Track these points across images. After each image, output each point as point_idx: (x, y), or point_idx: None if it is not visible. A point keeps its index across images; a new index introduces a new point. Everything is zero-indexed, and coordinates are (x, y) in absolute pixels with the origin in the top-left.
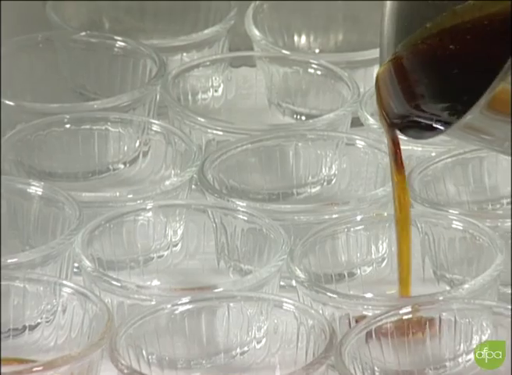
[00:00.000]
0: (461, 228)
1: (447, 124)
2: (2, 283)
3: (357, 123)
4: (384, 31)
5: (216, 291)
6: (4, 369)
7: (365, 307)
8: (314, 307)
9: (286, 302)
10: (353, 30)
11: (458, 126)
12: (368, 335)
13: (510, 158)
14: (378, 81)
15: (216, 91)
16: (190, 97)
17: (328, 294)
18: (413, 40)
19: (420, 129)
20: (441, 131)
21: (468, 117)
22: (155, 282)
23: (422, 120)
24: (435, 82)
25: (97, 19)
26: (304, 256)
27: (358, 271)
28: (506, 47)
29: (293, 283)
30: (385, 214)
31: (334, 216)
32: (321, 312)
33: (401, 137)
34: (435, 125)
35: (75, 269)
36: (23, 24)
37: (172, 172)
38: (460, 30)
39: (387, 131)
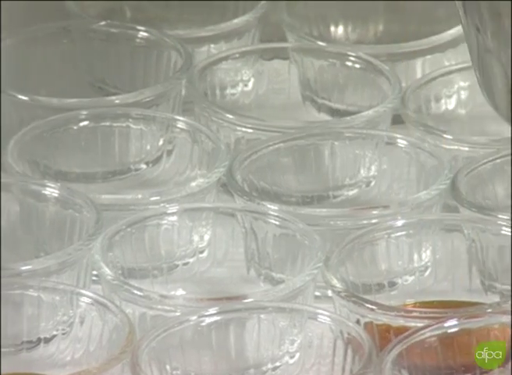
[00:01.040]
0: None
1: None
2: (16, 292)
3: (398, 120)
4: None
5: (246, 301)
6: None
7: (407, 320)
8: (351, 319)
9: (321, 314)
10: (395, 20)
11: None
12: (409, 350)
13: None
14: None
15: (246, 85)
16: (217, 92)
17: (367, 305)
18: None
19: None
20: None
21: None
22: (180, 291)
23: None
24: None
25: (117, 7)
26: (340, 264)
27: (399, 280)
28: None
29: (329, 293)
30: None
31: (373, 220)
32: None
33: (448, 136)
34: None
35: (93, 278)
36: (38, 12)
37: (199, 172)
38: None
39: None
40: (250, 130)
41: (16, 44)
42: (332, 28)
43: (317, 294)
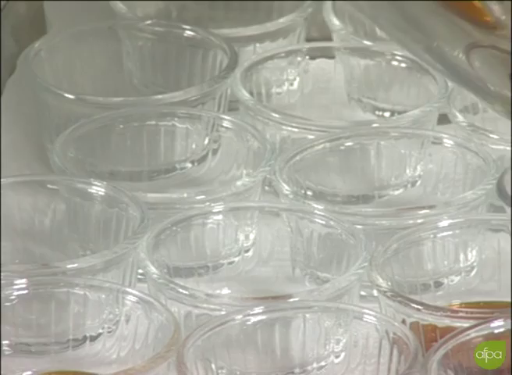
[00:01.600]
0: None
1: None
2: (62, 290)
3: (444, 120)
4: None
5: (291, 300)
6: None
7: (453, 320)
8: (397, 319)
9: (366, 314)
10: None
11: None
12: (455, 350)
13: None
14: None
15: (292, 84)
16: (263, 91)
17: (413, 305)
18: None
19: None
20: None
21: None
22: (225, 290)
23: None
24: None
25: (164, 6)
26: (386, 264)
27: (445, 281)
28: None
29: (375, 293)
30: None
31: (419, 220)
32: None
33: (494, 136)
34: None
35: (139, 276)
36: (84, 12)
37: (244, 171)
38: None
39: None
40: (295, 130)
41: (63, 43)
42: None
43: (362, 293)
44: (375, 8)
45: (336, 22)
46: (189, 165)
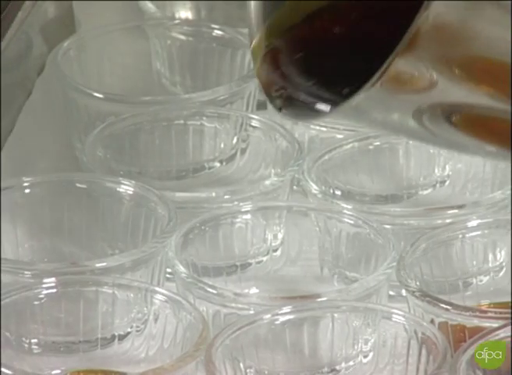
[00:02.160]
0: None
1: (331, 104)
2: (90, 289)
3: None
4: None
5: (319, 300)
6: None
7: (482, 320)
8: (425, 319)
9: (395, 313)
10: None
11: (347, 106)
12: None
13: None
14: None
15: None
16: None
17: (442, 305)
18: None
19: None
20: (325, 112)
21: (360, 96)
22: (254, 290)
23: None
24: (310, 59)
25: (192, 5)
26: (415, 264)
27: (474, 281)
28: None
29: (403, 292)
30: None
31: (447, 220)
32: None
33: None
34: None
35: (167, 275)
36: (113, 11)
37: (272, 171)
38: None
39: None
40: (324, 129)
41: (92, 42)
42: None
43: (391, 293)
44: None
45: None
46: (217, 164)
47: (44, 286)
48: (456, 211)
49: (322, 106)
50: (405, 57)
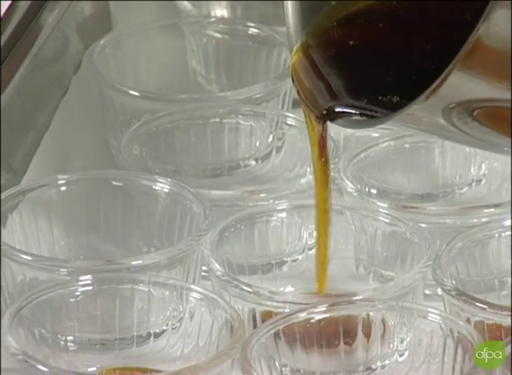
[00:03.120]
0: None
1: (383, 112)
2: (126, 286)
3: None
4: (288, 9)
5: (355, 298)
6: None
7: None
8: (461, 318)
9: (431, 312)
10: None
11: (400, 115)
12: None
13: None
14: (294, 71)
15: None
16: None
17: (478, 304)
18: (322, 22)
19: (353, 118)
20: (378, 120)
21: (413, 107)
22: (289, 288)
23: (352, 111)
24: (351, 73)
25: (228, 4)
26: (450, 263)
27: (510, 280)
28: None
29: (439, 291)
30: None
31: (483, 219)
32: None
33: None
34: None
35: (203, 273)
36: (149, 9)
37: (308, 169)
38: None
39: (315, 123)
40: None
41: (128, 40)
42: None
43: (427, 292)
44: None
45: None
46: (253, 162)
47: (80, 283)
48: (492, 210)
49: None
50: (462, 68)
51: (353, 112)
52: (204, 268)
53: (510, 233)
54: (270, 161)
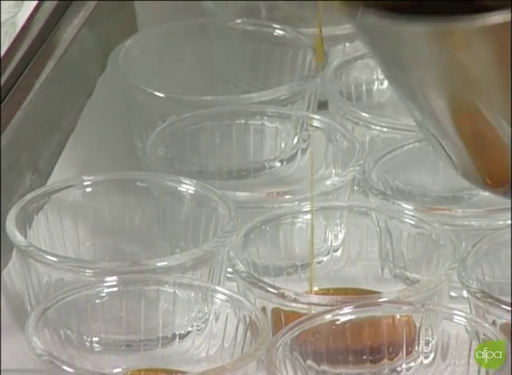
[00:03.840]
0: None
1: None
2: (151, 287)
3: None
4: None
5: (380, 300)
6: None
7: None
8: (487, 320)
9: (456, 314)
10: None
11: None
12: None
13: None
14: None
15: (381, 83)
16: (352, 90)
17: (503, 306)
18: None
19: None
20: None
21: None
22: (314, 289)
23: None
24: None
25: (253, 5)
26: (476, 265)
27: None
28: None
29: (465, 294)
30: None
31: (509, 221)
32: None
33: None
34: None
35: (228, 274)
36: (174, 10)
37: (333, 171)
38: None
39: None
40: (385, 129)
41: (153, 42)
42: None
43: (452, 294)
44: None
45: None
46: (278, 164)
47: (105, 284)
48: None
49: None
50: None
51: None
52: (229, 269)
53: None
54: (295, 162)
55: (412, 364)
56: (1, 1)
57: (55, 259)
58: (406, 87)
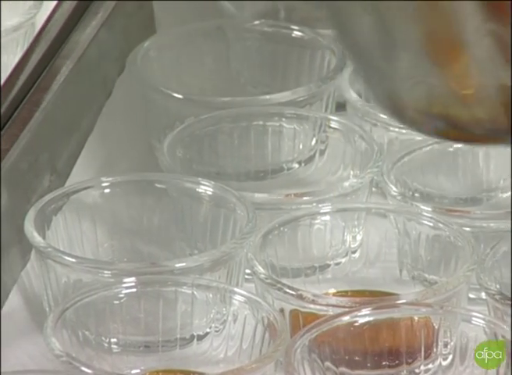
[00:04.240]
0: None
1: None
2: (170, 289)
3: None
4: None
5: (399, 302)
6: None
7: None
8: (506, 322)
9: (475, 316)
10: None
11: None
12: None
13: None
14: None
15: None
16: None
17: None
18: None
19: None
20: None
21: None
22: (332, 291)
23: None
24: None
25: (271, 7)
26: (495, 267)
27: None
28: None
29: (483, 295)
30: None
31: None
32: None
33: None
34: None
35: (246, 276)
36: (192, 12)
37: (351, 173)
38: None
39: None
40: (403, 131)
41: (171, 43)
42: None
43: (471, 296)
44: None
45: None
46: (296, 165)
47: (123, 285)
48: None
49: None
50: None
51: None
52: (248, 271)
53: None
54: (313, 164)
55: (430, 366)
56: (21, 2)
57: (73, 260)
58: None
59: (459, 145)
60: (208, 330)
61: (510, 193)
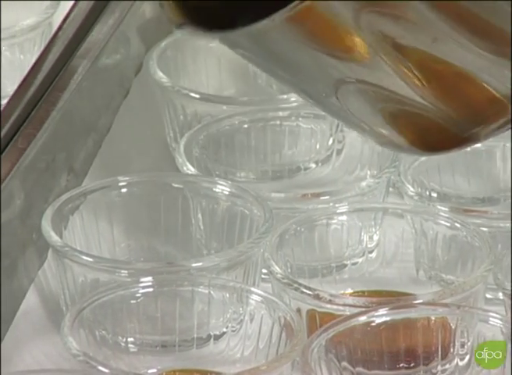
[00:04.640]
0: None
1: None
2: (186, 288)
3: None
4: None
5: (416, 302)
6: None
7: None
8: None
9: (492, 316)
10: None
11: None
12: None
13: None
14: None
15: None
16: None
17: None
18: None
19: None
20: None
21: (263, 23)
22: (349, 291)
23: None
24: None
25: None
26: None
27: None
28: None
29: (500, 296)
30: None
31: None
32: None
33: None
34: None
35: (263, 276)
36: None
37: (368, 172)
38: None
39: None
40: None
41: (189, 43)
42: None
43: (488, 296)
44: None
45: None
46: (313, 165)
47: (140, 285)
48: None
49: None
50: None
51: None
52: (264, 270)
53: None
54: (330, 164)
55: (447, 366)
56: (38, 2)
57: (90, 260)
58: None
59: (477, 145)
60: (224, 329)
61: None
